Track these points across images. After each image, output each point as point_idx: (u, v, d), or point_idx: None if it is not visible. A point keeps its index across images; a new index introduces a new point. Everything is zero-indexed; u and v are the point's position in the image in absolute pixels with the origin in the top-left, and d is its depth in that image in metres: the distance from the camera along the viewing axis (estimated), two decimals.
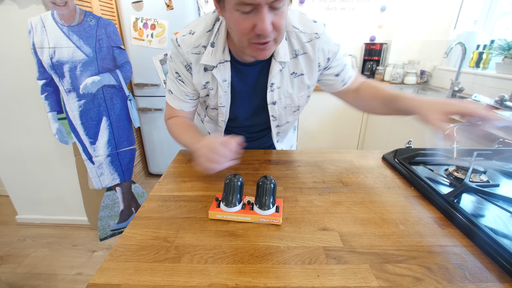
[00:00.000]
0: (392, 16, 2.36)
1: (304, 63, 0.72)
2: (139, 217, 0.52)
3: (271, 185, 0.50)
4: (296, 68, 0.72)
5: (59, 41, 1.29)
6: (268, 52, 0.60)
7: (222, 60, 0.68)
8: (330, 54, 0.72)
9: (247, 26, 0.54)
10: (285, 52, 0.68)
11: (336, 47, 0.73)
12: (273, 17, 0.53)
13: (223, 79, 0.70)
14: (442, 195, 0.54)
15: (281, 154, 0.80)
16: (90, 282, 0.38)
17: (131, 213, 1.73)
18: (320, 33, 0.69)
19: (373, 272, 0.39)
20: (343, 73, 0.77)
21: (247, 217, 0.50)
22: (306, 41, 0.69)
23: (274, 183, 0.51)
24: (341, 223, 0.49)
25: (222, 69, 0.69)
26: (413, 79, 2.19)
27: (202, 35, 0.67)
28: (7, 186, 1.71)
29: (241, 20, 0.54)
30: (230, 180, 0.51)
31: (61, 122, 1.44)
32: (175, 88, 0.75)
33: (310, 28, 0.68)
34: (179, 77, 0.73)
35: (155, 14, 1.86)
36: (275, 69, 0.69)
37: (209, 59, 0.67)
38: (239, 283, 0.37)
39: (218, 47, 0.67)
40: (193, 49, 0.68)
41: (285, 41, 0.68)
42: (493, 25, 1.87)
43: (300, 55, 0.70)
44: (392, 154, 0.77)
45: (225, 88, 0.72)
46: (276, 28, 0.55)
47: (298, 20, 0.68)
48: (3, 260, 1.53)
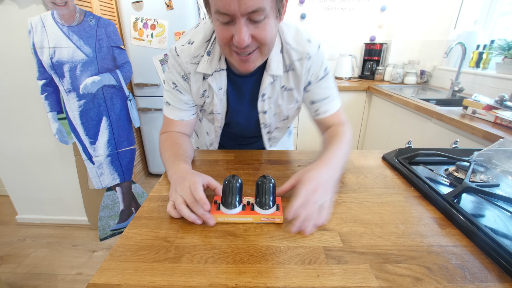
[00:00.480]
0: (392, 16, 2.36)
1: (293, 78, 0.71)
2: (139, 217, 0.52)
3: (270, 185, 0.50)
4: (286, 82, 0.72)
5: (59, 41, 1.29)
6: (251, 64, 0.59)
7: (218, 69, 0.68)
8: (313, 77, 0.71)
9: (226, 36, 0.54)
10: (278, 65, 0.68)
11: (322, 72, 0.71)
12: (254, 29, 0.52)
13: (219, 87, 0.70)
14: (442, 195, 0.54)
15: (281, 154, 0.80)
16: (90, 282, 0.38)
17: (131, 213, 1.73)
18: (311, 54, 0.67)
19: (373, 272, 0.39)
20: (320, 104, 0.74)
21: (249, 218, 0.49)
22: (296, 58, 0.68)
23: (273, 182, 0.51)
24: (341, 223, 0.49)
25: (218, 77, 0.69)
26: (413, 79, 2.19)
27: (201, 45, 0.67)
28: (7, 186, 1.71)
29: (221, 30, 0.54)
30: (228, 182, 0.50)
31: (61, 122, 1.44)
32: (172, 98, 0.74)
33: (302, 47, 0.67)
34: (176, 87, 0.72)
35: (155, 14, 1.86)
36: (266, 81, 0.69)
37: (205, 68, 0.67)
38: (239, 283, 0.37)
39: (214, 55, 0.67)
40: (192, 59, 0.67)
41: (280, 54, 0.67)
42: (493, 25, 1.87)
43: (290, 71, 0.70)
44: (392, 154, 0.77)
45: (220, 96, 0.72)
46: (258, 40, 0.54)
47: (293, 37, 0.67)
48: (3, 260, 1.53)
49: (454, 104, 1.54)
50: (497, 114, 1.11)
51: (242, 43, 0.52)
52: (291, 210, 0.46)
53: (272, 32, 0.55)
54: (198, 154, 0.81)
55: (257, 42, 0.55)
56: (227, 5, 0.48)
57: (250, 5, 0.48)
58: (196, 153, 0.81)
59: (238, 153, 0.81)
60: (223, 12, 0.50)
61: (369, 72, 2.43)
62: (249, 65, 0.59)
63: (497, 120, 1.11)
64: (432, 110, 1.36)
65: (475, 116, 1.21)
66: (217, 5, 0.50)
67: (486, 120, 1.16)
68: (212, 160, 0.77)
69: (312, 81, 0.72)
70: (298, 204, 0.47)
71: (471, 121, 1.15)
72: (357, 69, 2.53)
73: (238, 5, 0.48)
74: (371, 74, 2.42)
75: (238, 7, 0.48)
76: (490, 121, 1.14)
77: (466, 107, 1.24)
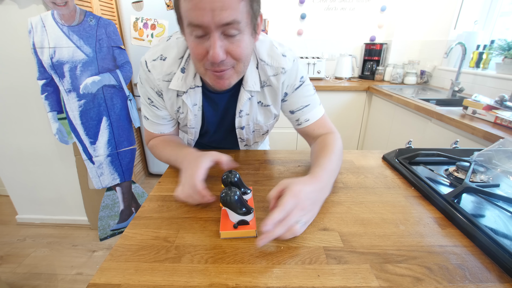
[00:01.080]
0: (392, 16, 2.36)
1: (269, 94, 0.70)
2: (139, 217, 0.52)
3: (235, 197, 0.46)
4: (262, 98, 0.71)
5: (59, 41, 1.29)
6: (226, 81, 0.57)
7: (193, 86, 0.66)
8: (289, 88, 0.70)
9: (201, 51, 0.52)
10: (255, 81, 0.66)
11: (298, 82, 0.69)
12: (229, 45, 0.51)
13: (193, 103, 0.69)
14: (442, 195, 0.54)
15: (281, 154, 0.80)
16: (90, 282, 0.38)
17: (131, 213, 1.72)
18: (286, 69, 0.66)
19: (373, 272, 0.39)
20: (300, 113, 0.72)
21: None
22: (271, 74, 0.66)
23: (238, 194, 0.46)
24: (341, 223, 0.49)
25: (193, 94, 0.67)
26: (413, 79, 2.19)
27: (174, 61, 0.64)
28: (7, 186, 1.71)
29: (195, 45, 0.52)
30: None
31: (61, 122, 1.44)
32: (150, 113, 0.73)
33: (277, 62, 0.65)
34: (152, 102, 0.70)
35: (155, 14, 1.86)
36: (244, 97, 0.68)
37: (179, 85, 0.65)
38: (239, 283, 0.37)
39: (188, 72, 0.65)
40: (165, 76, 0.65)
41: (256, 70, 0.66)
42: (493, 25, 1.87)
43: (265, 87, 0.69)
44: (393, 154, 0.77)
45: (195, 111, 0.71)
46: (233, 56, 0.53)
47: (267, 53, 0.66)
48: (3, 260, 1.53)
49: (454, 104, 1.53)
50: (497, 114, 1.11)
51: (216, 57, 0.50)
52: (268, 223, 0.42)
53: (247, 49, 0.54)
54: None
55: (232, 58, 0.53)
56: (200, 16, 0.46)
57: (224, 16, 0.46)
58: None
59: (238, 153, 0.81)
60: (196, 24, 0.48)
61: (369, 72, 2.43)
62: (224, 81, 0.57)
63: (497, 120, 1.11)
64: (432, 110, 1.36)
65: (475, 116, 1.21)
66: (190, 17, 0.48)
67: (486, 120, 1.16)
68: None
69: (289, 92, 0.71)
70: (276, 219, 0.42)
71: (471, 121, 1.15)
72: (357, 69, 2.53)
73: (212, 16, 0.46)
74: (371, 74, 2.42)
75: (212, 18, 0.46)
76: (490, 121, 1.14)
77: (466, 107, 1.24)
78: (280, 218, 0.43)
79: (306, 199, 0.47)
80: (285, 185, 0.49)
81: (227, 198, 0.46)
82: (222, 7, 0.46)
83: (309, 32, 2.45)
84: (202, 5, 0.46)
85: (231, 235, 0.46)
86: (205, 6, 0.46)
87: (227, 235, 0.46)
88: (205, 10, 0.46)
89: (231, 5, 0.47)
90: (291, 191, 0.47)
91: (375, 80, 2.38)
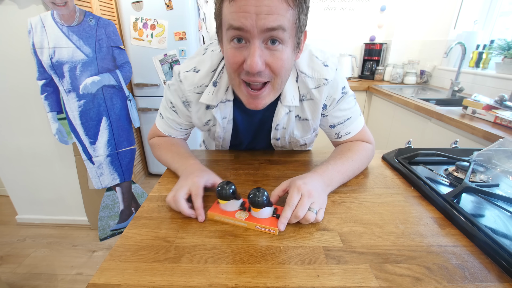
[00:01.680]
0: (392, 16, 2.36)
1: (309, 108, 0.66)
2: (139, 217, 0.52)
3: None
4: (301, 112, 0.67)
5: (58, 41, 1.29)
6: (261, 102, 0.54)
7: (224, 100, 0.64)
8: (328, 100, 0.65)
9: (238, 60, 0.49)
10: (294, 95, 0.62)
11: (340, 94, 0.64)
12: (269, 56, 0.47)
13: (223, 117, 0.67)
14: (442, 195, 0.54)
15: (281, 154, 0.80)
16: (90, 282, 0.38)
17: (131, 213, 1.72)
18: (329, 79, 0.61)
19: (373, 272, 0.39)
20: (341, 127, 0.68)
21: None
22: (313, 87, 0.62)
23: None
24: (341, 223, 0.49)
25: (223, 107, 0.65)
26: (413, 79, 2.19)
27: (207, 74, 0.62)
28: (7, 186, 1.71)
29: (232, 52, 0.49)
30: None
31: (61, 122, 1.44)
32: (166, 115, 0.71)
33: (319, 73, 0.60)
34: (174, 107, 0.69)
35: (155, 14, 1.86)
36: (281, 112, 0.64)
37: (210, 98, 0.63)
38: (239, 283, 0.37)
39: (221, 86, 0.62)
40: (196, 88, 0.63)
41: (295, 83, 0.62)
42: (493, 25, 1.87)
43: (305, 101, 0.65)
44: (392, 154, 0.77)
45: (223, 124, 0.69)
46: (272, 69, 0.49)
47: (307, 64, 0.61)
48: (3, 260, 1.53)
49: (454, 104, 1.54)
50: (497, 114, 1.11)
51: (254, 66, 0.46)
52: (281, 222, 0.46)
53: (288, 64, 0.50)
54: (198, 154, 0.80)
55: (271, 71, 0.49)
56: (242, 18, 0.43)
57: (269, 20, 0.43)
58: (196, 153, 0.81)
59: (238, 153, 0.81)
60: (237, 26, 0.44)
61: (369, 72, 2.43)
62: (259, 102, 0.54)
63: (497, 120, 1.11)
64: (432, 110, 1.36)
65: (475, 116, 1.21)
66: (232, 19, 0.45)
67: (486, 120, 1.16)
68: (212, 160, 0.77)
69: (328, 104, 0.66)
70: (288, 216, 0.46)
71: (471, 121, 1.15)
72: (357, 69, 2.53)
73: (256, 19, 0.43)
74: (371, 74, 2.42)
75: (255, 22, 0.43)
76: (490, 121, 1.14)
77: (466, 107, 1.24)
78: (290, 215, 0.46)
79: (310, 189, 0.49)
80: (288, 184, 0.51)
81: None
82: (268, 11, 0.43)
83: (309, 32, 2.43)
84: (246, 8, 0.43)
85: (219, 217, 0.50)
86: (250, 9, 0.43)
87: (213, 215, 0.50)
88: (249, 13, 0.43)
89: (278, 11, 0.43)
90: (294, 186, 0.49)
91: (375, 80, 2.38)
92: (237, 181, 0.65)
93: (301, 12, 0.47)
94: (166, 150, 0.70)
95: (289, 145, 0.79)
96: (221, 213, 0.50)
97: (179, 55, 1.95)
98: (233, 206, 0.51)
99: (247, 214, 0.50)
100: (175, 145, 0.72)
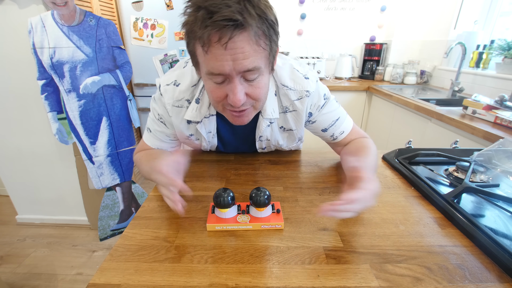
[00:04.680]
0: (392, 16, 2.36)
1: (293, 119, 0.70)
2: (139, 217, 0.52)
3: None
4: (285, 124, 0.71)
5: (59, 41, 1.29)
6: (245, 118, 0.58)
7: (208, 115, 0.66)
8: (313, 108, 0.69)
9: (220, 95, 0.52)
10: (274, 108, 0.66)
11: (322, 101, 0.68)
12: (248, 87, 0.51)
13: (208, 131, 0.69)
14: (442, 195, 0.54)
15: (281, 154, 0.80)
16: (90, 282, 0.38)
17: (131, 213, 1.72)
18: (311, 91, 0.65)
19: (373, 272, 0.39)
20: (333, 128, 0.71)
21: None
22: (295, 98, 0.65)
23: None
24: (341, 223, 0.49)
25: (207, 123, 0.67)
26: (413, 79, 2.19)
27: (187, 89, 0.63)
28: (7, 186, 1.71)
29: (214, 89, 0.52)
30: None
31: (61, 122, 1.44)
32: (155, 127, 0.71)
33: (300, 86, 0.64)
34: (161, 119, 0.69)
35: (155, 14, 1.86)
36: (263, 125, 0.68)
37: (194, 115, 0.65)
38: (239, 283, 0.37)
39: (203, 102, 0.64)
40: (175, 102, 0.64)
41: (274, 97, 0.66)
42: (493, 25, 1.87)
43: (288, 112, 0.68)
44: (392, 154, 0.77)
45: (209, 139, 0.72)
46: (252, 98, 0.53)
47: (289, 77, 0.64)
48: (3, 260, 1.53)
49: (454, 104, 1.53)
50: (497, 114, 1.11)
51: (237, 102, 0.50)
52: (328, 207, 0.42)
53: (265, 88, 0.55)
54: (198, 154, 0.80)
55: (251, 99, 0.53)
56: (221, 67, 0.46)
57: (245, 65, 0.47)
58: (196, 153, 0.81)
59: (238, 153, 0.81)
60: (217, 73, 0.48)
61: (369, 72, 2.43)
62: (243, 119, 0.57)
63: (497, 120, 1.11)
64: (432, 110, 1.36)
65: (475, 116, 1.21)
66: (210, 67, 0.48)
67: (486, 120, 1.15)
68: (212, 160, 0.77)
69: (314, 112, 0.69)
70: (337, 206, 0.42)
71: (471, 121, 1.14)
72: (357, 69, 2.53)
73: (234, 65, 0.46)
74: (371, 74, 2.42)
75: (233, 67, 0.46)
76: (490, 121, 1.14)
77: (466, 107, 1.24)
78: (341, 207, 0.43)
79: (371, 195, 0.46)
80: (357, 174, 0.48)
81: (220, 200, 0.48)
82: (243, 56, 0.46)
83: (309, 32, 2.45)
84: (223, 57, 0.46)
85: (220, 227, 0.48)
86: (227, 58, 0.46)
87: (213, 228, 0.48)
88: (226, 61, 0.46)
89: (252, 54, 0.47)
90: (360, 188, 0.45)
91: (375, 80, 2.38)
92: (237, 181, 0.65)
93: (273, 44, 0.50)
94: (145, 162, 0.66)
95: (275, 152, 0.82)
96: (221, 222, 0.48)
97: (179, 55, 1.95)
98: (231, 212, 0.50)
99: (248, 216, 0.50)
100: (155, 153, 0.69)
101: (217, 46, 0.44)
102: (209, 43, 0.45)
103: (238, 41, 0.44)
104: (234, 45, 0.44)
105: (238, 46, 0.45)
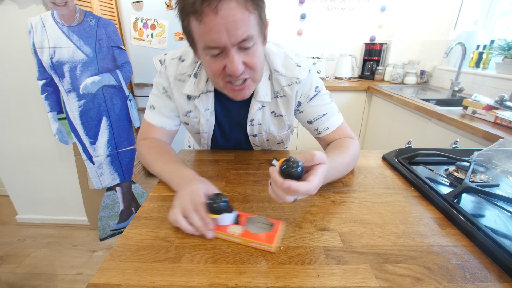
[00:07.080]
0: (392, 16, 2.36)
1: (283, 105, 0.72)
2: (139, 217, 0.52)
3: None
4: (276, 108, 0.73)
5: (59, 41, 1.29)
6: (246, 92, 0.60)
7: (205, 90, 0.68)
8: (303, 98, 0.71)
9: (218, 67, 0.54)
10: (266, 92, 0.68)
11: (313, 92, 0.70)
12: (244, 56, 0.53)
13: (206, 108, 0.71)
14: (442, 195, 0.54)
15: (281, 154, 0.80)
16: (90, 282, 0.38)
17: (131, 213, 1.72)
18: (301, 79, 0.67)
19: (373, 272, 0.39)
20: (318, 122, 0.72)
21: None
22: (285, 84, 0.68)
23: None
24: (341, 223, 0.49)
25: (205, 98, 0.69)
26: (413, 79, 2.19)
27: (190, 65, 0.67)
28: (7, 186, 1.71)
29: (211, 63, 0.54)
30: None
31: (61, 122, 1.44)
32: (159, 103, 0.71)
33: (291, 72, 0.67)
34: (166, 92, 0.70)
35: (155, 14, 1.86)
36: (254, 107, 0.69)
37: (192, 89, 0.67)
38: (239, 283, 0.37)
39: (201, 77, 0.67)
40: (178, 75, 0.67)
41: (268, 81, 0.68)
42: (493, 25, 1.87)
43: (279, 97, 0.70)
44: (392, 154, 0.77)
45: (207, 116, 0.72)
46: (250, 67, 0.55)
47: (282, 63, 0.67)
48: (3, 260, 1.53)
49: (454, 104, 1.53)
50: (497, 114, 1.11)
51: (236, 71, 0.52)
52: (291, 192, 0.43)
53: (261, 57, 0.57)
54: (197, 154, 0.81)
55: (249, 68, 0.55)
56: (217, 39, 0.48)
57: (239, 34, 0.49)
58: (196, 153, 0.81)
59: (238, 153, 0.81)
60: (213, 46, 0.50)
61: (369, 72, 2.43)
62: (244, 92, 0.60)
63: (497, 120, 1.11)
64: (432, 110, 1.36)
65: (475, 116, 1.21)
66: (206, 41, 0.50)
67: (486, 120, 1.15)
68: (212, 160, 0.77)
69: (303, 101, 0.71)
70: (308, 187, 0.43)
71: (471, 121, 1.14)
72: (357, 69, 2.53)
73: (228, 36, 0.48)
74: (371, 74, 2.42)
75: (228, 38, 0.49)
76: (490, 121, 1.14)
77: (466, 107, 1.24)
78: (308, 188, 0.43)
79: (314, 189, 0.45)
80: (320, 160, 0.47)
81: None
82: (236, 26, 0.48)
83: (309, 32, 2.45)
84: (217, 28, 0.47)
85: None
86: (220, 29, 0.47)
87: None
88: (220, 32, 0.48)
89: (244, 22, 0.49)
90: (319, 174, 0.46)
91: (375, 80, 2.38)
92: (237, 181, 0.65)
93: (261, 11, 0.52)
94: (156, 157, 0.65)
95: (267, 142, 0.82)
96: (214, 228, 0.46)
97: None
98: (225, 220, 0.47)
99: (241, 229, 0.46)
100: (168, 152, 0.67)
101: (209, 12, 0.46)
102: (201, 10, 0.47)
103: (228, 6, 0.46)
104: (225, 12, 0.46)
105: (230, 14, 0.47)
